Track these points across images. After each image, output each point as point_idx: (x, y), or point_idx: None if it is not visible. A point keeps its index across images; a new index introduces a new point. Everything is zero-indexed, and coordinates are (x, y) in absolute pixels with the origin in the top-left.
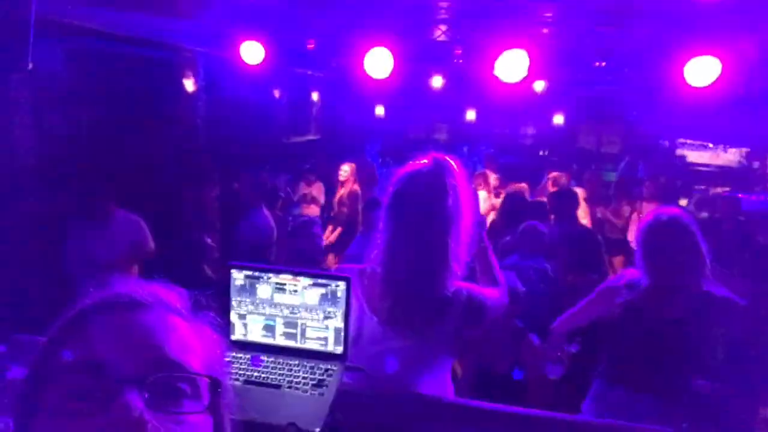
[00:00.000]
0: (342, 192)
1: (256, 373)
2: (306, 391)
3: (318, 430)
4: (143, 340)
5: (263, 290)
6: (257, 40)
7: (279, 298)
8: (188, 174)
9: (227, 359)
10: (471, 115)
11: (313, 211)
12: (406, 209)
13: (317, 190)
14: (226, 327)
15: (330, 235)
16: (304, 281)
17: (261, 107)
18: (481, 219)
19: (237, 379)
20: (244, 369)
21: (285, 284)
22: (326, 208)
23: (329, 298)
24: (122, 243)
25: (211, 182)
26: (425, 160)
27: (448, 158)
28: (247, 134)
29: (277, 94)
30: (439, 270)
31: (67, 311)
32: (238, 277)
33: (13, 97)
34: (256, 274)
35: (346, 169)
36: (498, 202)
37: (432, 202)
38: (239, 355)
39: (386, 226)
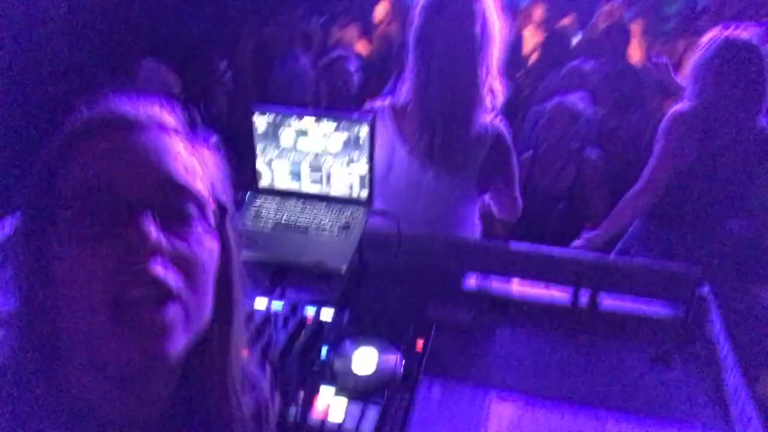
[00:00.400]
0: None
1: (284, 218)
2: (333, 234)
3: (345, 267)
4: (147, 162)
5: (286, 136)
6: None
7: (303, 143)
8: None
9: (228, 177)
10: None
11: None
12: (432, 39)
13: (351, 33)
14: (253, 173)
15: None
16: (327, 125)
17: None
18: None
19: (266, 224)
20: (272, 214)
21: (307, 129)
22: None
23: (352, 143)
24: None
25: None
26: None
27: None
28: None
29: None
30: (471, 103)
31: (57, 134)
32: (260, 122)
33: None
34: (279, 119)
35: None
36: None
37: (459, 29)
38: (266, 202)
39: (414, 57)
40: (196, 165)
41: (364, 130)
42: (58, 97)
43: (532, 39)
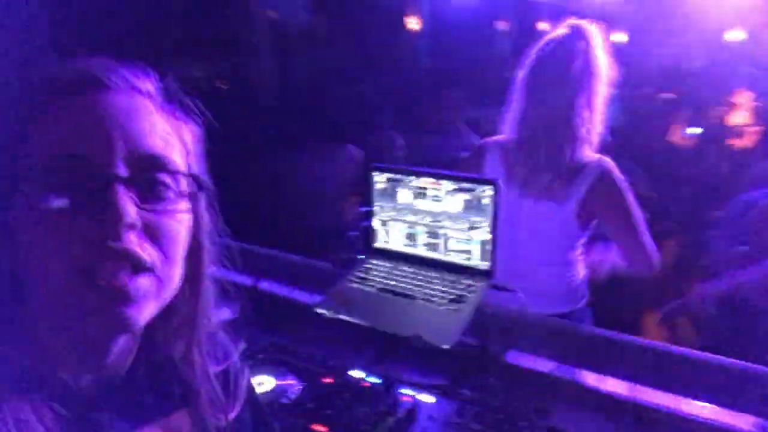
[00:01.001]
0: None
1: (392, 282)
2: (441, 305)
3: (448, 345)
4: (120, 129)
5: (404, 195)
6: None
7: (420, 204)
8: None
9: (201, 140)
10: None
11: None
12: (535, 76)
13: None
14: (369, 232)
15: None
16: (446, 185)
17: (483, 40)
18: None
19: (372, 287)
20: (382, 277)
21: (426, 188)
22: None
23: (474, 205)
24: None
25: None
26: (562, 29)
27: (584, 23)
28: (469, 71)
29: (501, 25)
30: (569, 134)
31: (25, 93)
32: (380, 180)
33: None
34: (398, 176)
35: None
36: None
37: (559, 67)
38: (379, 263)
39: (518, 92)
40: (172, 135)
41: (487, 192)
42: None
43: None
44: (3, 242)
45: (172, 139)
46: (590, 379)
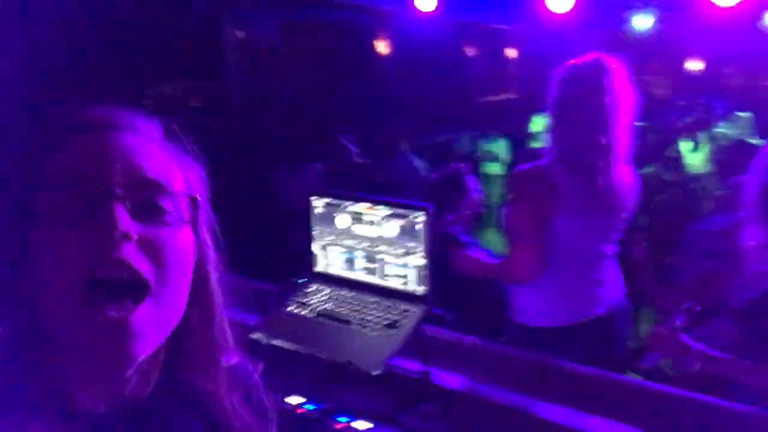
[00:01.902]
0: None
1: (329, 307)
2: (375, 331)
3: (378, 372)
4: (122, 159)
5: (341, 220)
6: None
7: (358, 229)
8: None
9: (204, 180)
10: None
11: (495, 169)
12: (567, 107)
13: (499, 147)
14: (311, 257)
15: None
16: (382, 211)
17: (451, 66)
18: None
19: (311, 311)
20: (321, 301)
21: (362, 213)
22: (511, 166)
23: (408, 231)
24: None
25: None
26: (584, 61)
27: (605, 58)
28: (437, 95)
29: (469, 51)
30: (607, 155)
31: (42, 130)
32: (318, 205)
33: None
34: (335, 202)
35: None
36: None
37: (591, 101)
38: (320, 287)
39: (552, 121)
40: (170, 164)
41: (420, 218)
42: None
43: None
44: (17, 263)
45: (172, 171)
46: (535, 406)
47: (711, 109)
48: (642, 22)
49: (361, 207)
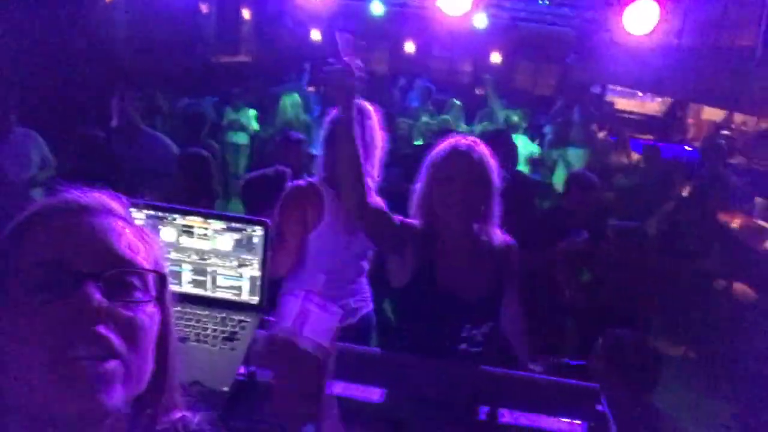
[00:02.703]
0: None
1: None
2: (215, 345)
3: (226, 389)
4: (94, 240)
5: (167, 233)
6: None
7: (186, 241)
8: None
9: (166, 257)
10: (410, 47)
11: (241, 138)
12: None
13: (246, 117)
14: None
15: None
16: (216, 224)
17: (185, 22)
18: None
19: None
20: None
21: (193, 227)
22: (255, 136)
23: (244, 244)
24: (26, 158)
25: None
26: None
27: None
28: (169, 52)
29: (204, 8)
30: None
31: (19, 216)
32: (138, 216)
33: None
34: (160, 214)
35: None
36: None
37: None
38: None
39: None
40: (138, 243)
41: (258, 232)
42: None
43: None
44: None
45: (138, 244)
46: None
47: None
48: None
49: (192, 220)
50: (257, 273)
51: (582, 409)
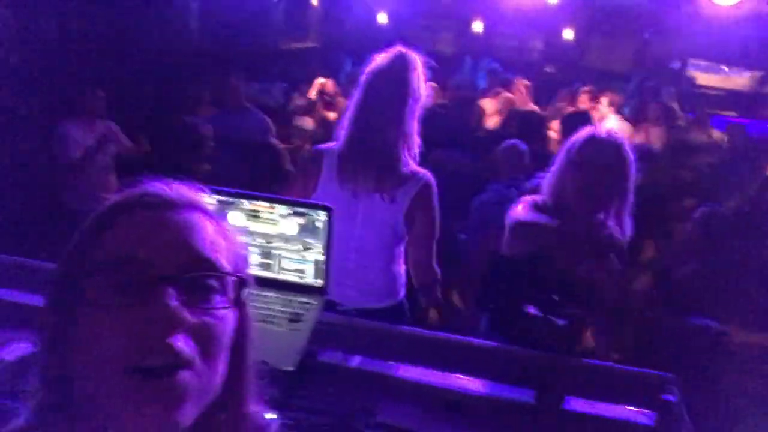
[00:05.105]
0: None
1: None
2: (281, 326)
3: (292, 368)
4: (176, 238)
5: (235, 217)
6: None
7: (253, 226)
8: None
9: (247, 256)
10: (477, 26)
11: (308, 123)
12: (369, 96)
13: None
14: None
15: None
16: (281, 209)
17: (253, 8)
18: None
19: None
20: None
21: (259, 211)
22: (323, 123)
23: (309, 229)
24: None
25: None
26: (390, 55)
27: (409, 53)
28: (238, 38)
29: None
30: (395, 147)
31: (100, 208)
32: (209, 202)
33: None
34: (229, 199)
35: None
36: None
37: (388, 89)
38: None
39: (353, 107)
40: (221, 241)
41: (322, 217)
42: None
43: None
44: (59, 344)
45: (221, 243)
46: (406, 372)
47: None
48: None
49: (259, 205)
50: (321, 257)
51: (650, 397)
